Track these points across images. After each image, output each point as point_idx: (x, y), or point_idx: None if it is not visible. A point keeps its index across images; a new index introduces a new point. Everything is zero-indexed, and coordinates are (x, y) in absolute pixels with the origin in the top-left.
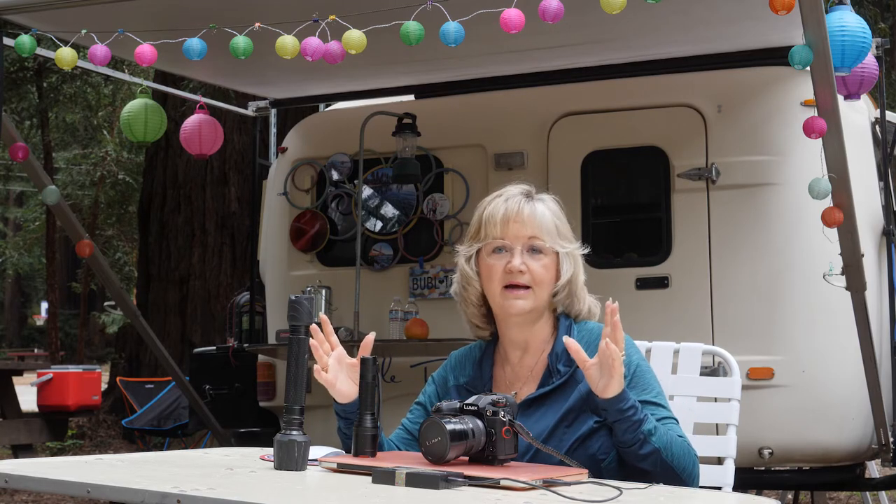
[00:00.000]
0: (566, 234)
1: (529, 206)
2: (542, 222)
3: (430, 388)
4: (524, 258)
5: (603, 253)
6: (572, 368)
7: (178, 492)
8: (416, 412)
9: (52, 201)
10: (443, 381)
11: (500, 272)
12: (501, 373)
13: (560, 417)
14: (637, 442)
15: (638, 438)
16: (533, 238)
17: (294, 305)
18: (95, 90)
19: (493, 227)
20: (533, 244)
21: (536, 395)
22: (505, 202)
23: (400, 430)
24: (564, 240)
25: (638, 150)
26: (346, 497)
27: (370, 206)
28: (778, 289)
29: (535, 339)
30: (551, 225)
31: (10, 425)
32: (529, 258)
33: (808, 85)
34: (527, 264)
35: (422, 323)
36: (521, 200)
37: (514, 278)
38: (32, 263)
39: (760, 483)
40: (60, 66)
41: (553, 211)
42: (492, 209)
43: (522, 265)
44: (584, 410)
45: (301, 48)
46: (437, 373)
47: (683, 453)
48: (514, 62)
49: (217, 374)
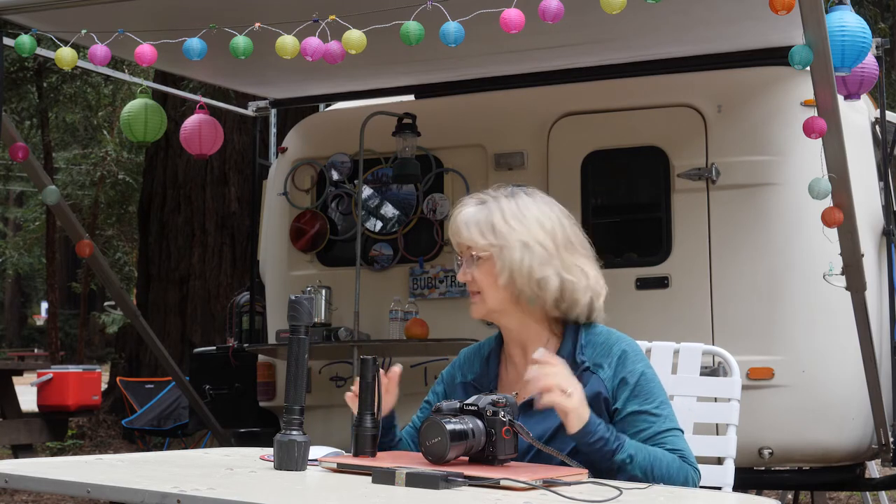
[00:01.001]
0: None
1: (463, 215)
2: (466, 230)
3: (438, 386)
4: (467, 268)
5: (603, 253)
6: (577, 372)
7: (178, 492)
8: (425, 410)
9: (52, 201)
10: (451, 379)
11: None
12: (506, 373)
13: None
14: (612, 470)
15: (612, 467)
16: (469, 246)
17: (294, 305)
18: (95, 90)
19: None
20: (471, 252)
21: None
22: (454, 215)
23: (409, 427)
24: (505, 236)
25: (638, 150)
26: (346, 497)
27: (370, 206)
28: (778, 289)
29: (529, 340)
30: (485, 226)
31: (10, 425)
32: (472, 266)
33: (808, 85)
34: (470, 273)
35: (422, 323)
36: (459, 209)
37: (469, 287)
38: (32, 263)
39: (760, 483)
40: (60, 66)
41: (489, 209)
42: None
43: (464, 275)
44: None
45: (301, 48)
46: (446, 370)
47: (670, 474)
48: (514, 62)
49: (217, 374)
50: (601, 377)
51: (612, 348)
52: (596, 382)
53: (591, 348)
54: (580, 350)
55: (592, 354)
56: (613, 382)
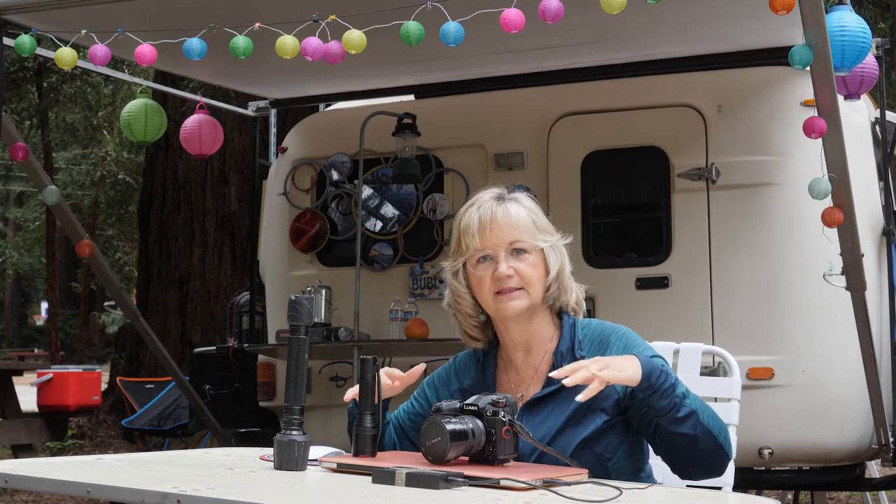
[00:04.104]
0: (545, 228)
1: (502, 209)
2: (518, 223)
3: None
4: (509, 262)
5: (603, 253)
6: None
7: (178, 492)
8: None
9: (52, 201)
10: (444, 383)
11: (489, 281)
12: (506, 376)
13: (566, 418)
14: (674, 407)
15: (674, 403)
16: (514, 241)
17: (294, 305)
18: (95, 90)
19: (472, 238)
20: (515, 246)
21: (542, 395)
22: (478, 210)
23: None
24: (545, 234)
25: (638, 150)
26: (346, 497)
27: (370, 206)
28: (778, 289)
29: (536, 339)
30: (528, 223)
31: (10, 425)
32: (515, 261)
33: (808, 85)
34: (513, 267)
35: (422, 323)
36: (493, 205)
37: (503, 284)
38: (32, 263)
39: (760, 483)
40: (60, 66)
41: (528, 208)
42: (466, 220)
43: (509, 270)
44: (592, 410)
45: (301, 48)
46: (437, 372)
47: (715, 415)
48: (514, 62)
49: (217, 374)
50: None
51: (610, 338)
52: None
53: (588, 342)
54: (578, 345)
55: (589, 347)
56: None
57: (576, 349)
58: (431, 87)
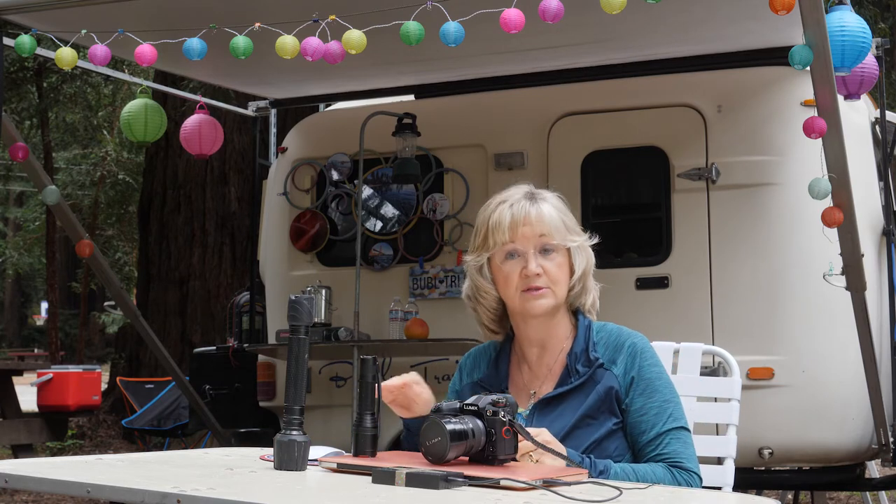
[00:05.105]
0: (574, 229)
1: (535, 207)
2: (550, 222)
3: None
4: (538, 260)
5: (603, 253)
6: (591, 369)
7: (178, 492)
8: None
9: (52, 201)
10: (457, 382)
11: (517, 278)
12: (518, 372)
13: (578, 418)
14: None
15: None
16: (543, 238)
17: (294, 305)
18: (95, 90)
19: (502, 233)
20: (544, 245)
21: (554, 395)
22: (510, 207)
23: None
24: (573, 234)
25: (638, 150)
26: (346, 497)
27: (370, 206)
28: (778, 289)
29: (552, 338)
30: (559, 222)
31: (10, 425)
32: (543, 259)
33: (808, 85)
34: (542, 266)
35: (422, 323)
36: (526, 204)
37: (531, 282)
38: (32, 263)
39: (760, 483)
40: (60, 66)
41: (558, 208)
42: (498, 216)
43: (538, 268)
44: (603, 412)
45: (301, 48)
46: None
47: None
48: (514, 62)
49: (217, 374)
50: (614, 373)
51: (624, 344)
52: (610, 378)
53: (603, 345)
54: (592, 347)
55: (605, 351)
56: (625, 379)
57: (590, 351)
58: (431, 87)
